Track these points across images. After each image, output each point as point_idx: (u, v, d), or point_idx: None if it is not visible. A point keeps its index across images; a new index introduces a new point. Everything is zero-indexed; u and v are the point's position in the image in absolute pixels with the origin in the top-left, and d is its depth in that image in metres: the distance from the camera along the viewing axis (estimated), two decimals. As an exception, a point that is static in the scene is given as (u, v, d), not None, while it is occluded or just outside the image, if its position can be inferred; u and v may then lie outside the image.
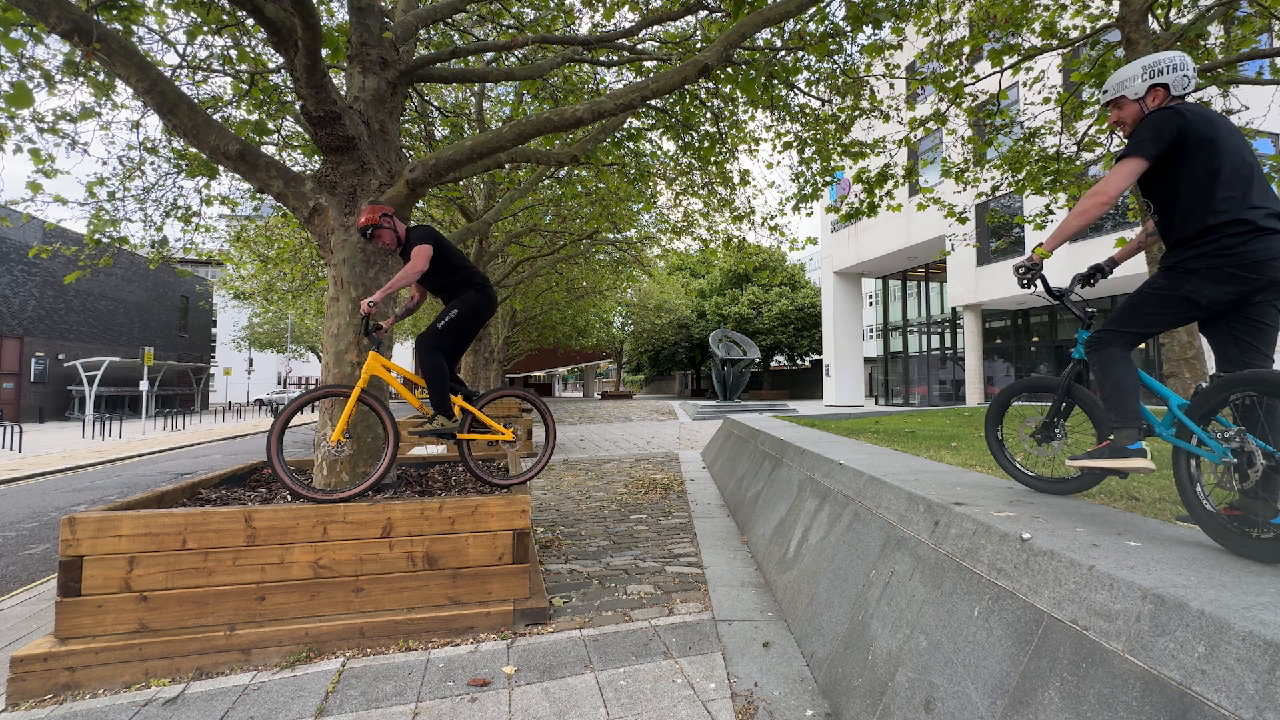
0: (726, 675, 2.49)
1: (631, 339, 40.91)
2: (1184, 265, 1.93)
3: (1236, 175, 1.88)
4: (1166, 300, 1.98)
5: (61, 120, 5.02)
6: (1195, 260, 1.90)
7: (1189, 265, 1.92)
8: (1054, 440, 2.49)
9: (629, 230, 12.10)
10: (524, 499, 3.13)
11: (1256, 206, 1.84)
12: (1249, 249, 1.82)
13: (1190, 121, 1.91)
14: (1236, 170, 1.88)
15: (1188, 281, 1.92)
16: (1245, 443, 1.68)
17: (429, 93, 8.10)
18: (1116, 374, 2.07)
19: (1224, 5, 5.82)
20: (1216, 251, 1.86)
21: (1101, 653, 1.38)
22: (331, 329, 3.53)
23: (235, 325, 37.36)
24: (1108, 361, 2.10)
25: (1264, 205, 1.85)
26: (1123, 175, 1.96)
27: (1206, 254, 1.88)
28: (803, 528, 3.43)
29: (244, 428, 18.54)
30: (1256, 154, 1.96)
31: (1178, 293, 1.94)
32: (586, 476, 7.59)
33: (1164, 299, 1.99)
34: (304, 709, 2.28)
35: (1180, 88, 2.03)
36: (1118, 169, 1.97)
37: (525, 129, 3.51)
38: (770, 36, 5.89)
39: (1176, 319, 2.01)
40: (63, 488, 8.14)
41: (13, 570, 4.43)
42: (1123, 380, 2.06)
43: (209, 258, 9.76)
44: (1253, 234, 1.82)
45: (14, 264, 21.05)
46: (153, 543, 2.64)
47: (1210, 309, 1.93)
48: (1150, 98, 2.07)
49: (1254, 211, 1.84)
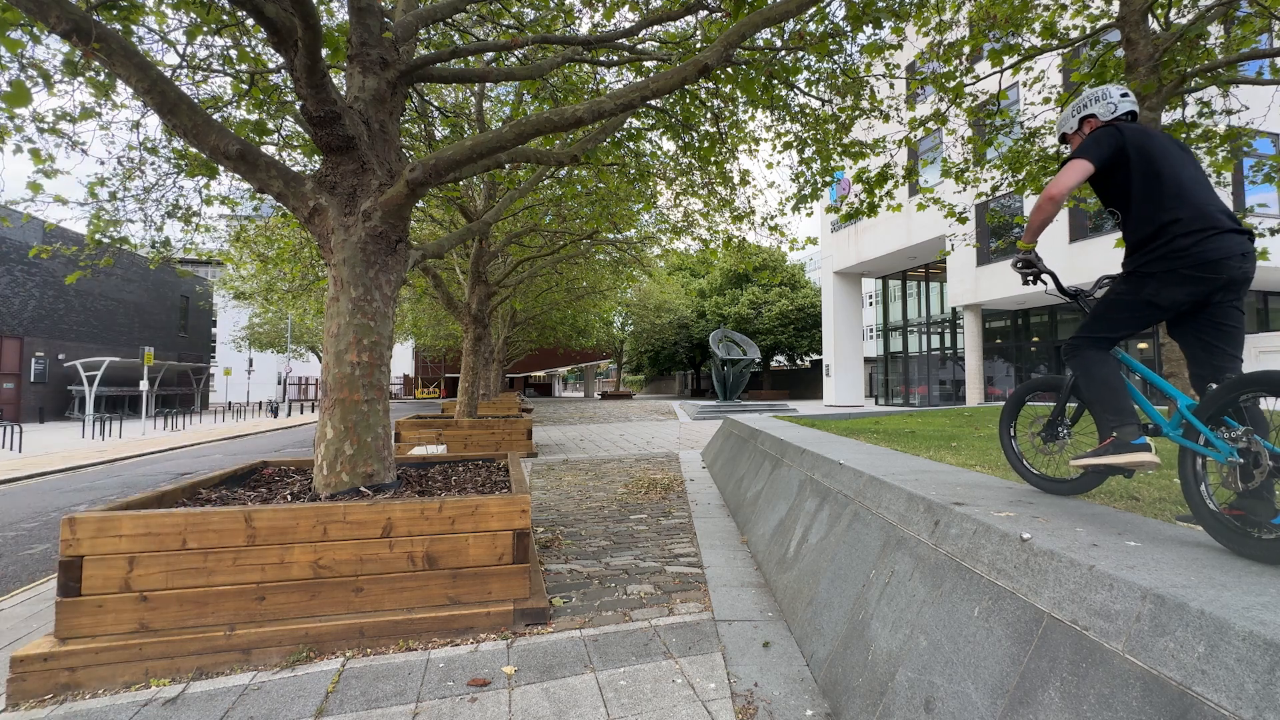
0: (726, 675, 2.49)
1: (631, 339, 40.91)
2: (1142, 270, 2.03)
3: (1179, 180, 2.00)
4: (1130, 305, 2.08)
5: (61, 120, 5.02)
6: (1151, 264, 1.99)
7: (1147, 269, 2.01)
8: (1058, 440, 2.51)
9: (629, 230, 12.10)
10: (524, 499, 3.13)
11: (1202, 208, 1.94)
12: (1200, 249, 1.90)
13: (1126, 135, 2.11)
14: (1178, 175, 2.01)
15: (1147, 285, 2.01)
16: (1252, 443, 1.68)
17: (429, 93, 8.10)
18: (1098, 374, 2.11)
19: (1224, 5, 5.81)
20: (1169, 254, 1.94)
21: (1101, 653, 1.38)
22: (331, 329, 3.53)
23: (235, 325, 37.33)
24: (1087, 364, 2.15)
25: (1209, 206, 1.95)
26: (1070, 174, 2.10)
27: (1161, 256, 1.97)
28: (803, 528, 3.43)
29: (244, 428, 18.54)
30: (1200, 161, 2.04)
31: (1139, 297, 2.04)
32: (586, 476, 7.59)
33: (1127, 304, 2.08)
34: (304, 709, 2.28)
35: (1108, 113, 2.26)
36: (1066, 169, 2.11)
37: (525, 129, 3.51)
38: (770, 36, 5.89)
39: (1142, 322, 2.09)
40: (63, 488, 8.14)
41: (13, 570, 4.43)
42: (1106, 378, 2.10)
43: (209, 258, 9.75)
44: (1201, 234, 1.91)
45: (14, 264, 21.04)
46: (153, 543, 2.64)
47: (1172, 310, 2.01)
48: (1086, 127, 2.34)
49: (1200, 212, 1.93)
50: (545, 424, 16.89)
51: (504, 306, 18.31)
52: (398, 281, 3.75)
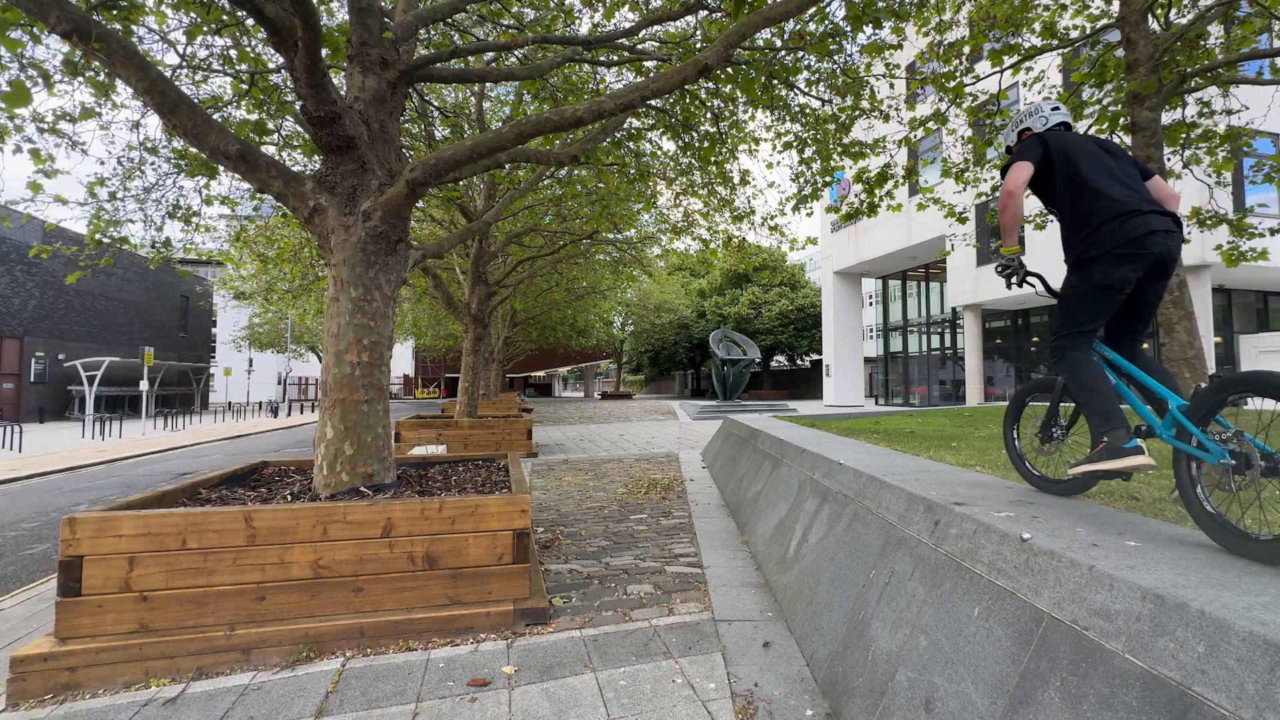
0: (726, 675, 2.49)
1: (631, 339, 40.90)
2: (1083, 258, 2.18)
3: (1097, 174, 2.19)
4: (1087, 294, 2.19)
5: (61, 120, 5.02)
6: (1088, 250, 2.15)
7: (1086, 255, 2.16)
8: (1053, 441, 2.56)
9: (629, 230, 12.10)
10: (524, 499, 3.13)
11: (1119, 196, 2.13)
12: (1124, 229, 2.07)
13: (1049, 141, 2.35)
14: (1096, 171, 2.20)
15: (1094, 269, 2.15)
16: (1243, 444, 1.70)
17: (429, 93, 8.10)
18: (1085, 377, 2.17)
19: (1224, 5, 5.81)
20: (1099, 239, 2.11)
21: (1101, 653, 1.38)
22: (331, 329, 3.53)
23: (235, 325, 37.33)
24: (1074, 366, 2.21)
25: (1126, 194, 2.14)
26: (1016, 173, 2.30)
27: (1094, 243, 2.13)
28: (803, 528, 3.43)
29: (244, 428, 18.54)
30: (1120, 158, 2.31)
31: (1092, 283, 2.16)
32: (586, 476, 7.59)
33: (1084, 294, 2.19)
34: (304, 709, 2.28)
35: (1040, 126, 2.52)
36: (1011, 170, 2.32)
37: (525, 129, 3.51)
38: (770, 36, 5.89)
39: (1107, 305, 2.19)
40: (63, 488, 8.14)
41: (13, 570, 4.43)
42: (1092, 382, 2.15)
43: (209, 258, 9.76)
44: (1120, 217, 2.09)
45: (14, 264, 21.04)
46: (153, 543, 2.64)
47: (1124, 288, 2.15)
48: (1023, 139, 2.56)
49: (1117, 199, 2.12)
50: (545, 424, 16.89)
51: (504, 306, 18.31)
52: (398, 281, 3.75)
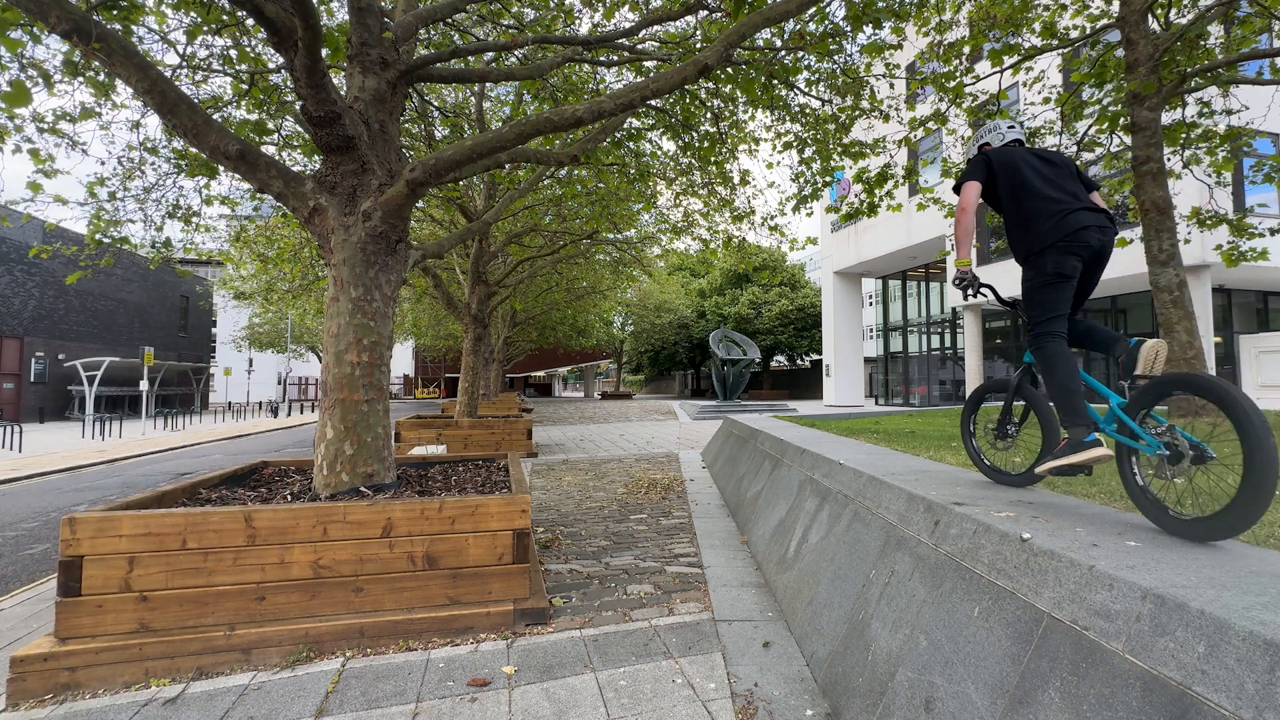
0: (726, 675, 2.49)
1: (631, 339, 40.89)
2: (1033, 253, 2.33)
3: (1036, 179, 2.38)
4: (1046, 285, 2.32)
5: (61, 120, 5.02)
6: (1035, 245, 2.31)
7: (1035, 250, 2.32)
8: (1007, 438, 2.75)
9: (629, 230, 12.10)
10: (524, 499, 3.13)
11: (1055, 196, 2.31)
12: (1064, 224, 2.24)
13: (992, 157, 2.56)
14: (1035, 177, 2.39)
15: (1046, 262, 2.29)
16: (1175, 437, 1.88)
17: (429, 93, 8.10)
18: (1060, 372, 2.27)
19: (1224, 5, 5.81)
20: (1043, 236, 2.28)
21: (1101, 653, 1.38)
22: (331, 329, 3.52)
23: (235, 325, 37.32)
24: (1051, 358, 2.30)
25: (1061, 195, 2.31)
26: (967, 191, 2.50)
27: (1038, 237, 2.30)
28: (803, 528, 3.43)
29: (244, 428, 18.54)
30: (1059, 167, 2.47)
31: (1048, 274, 2.30)
32: (586, 476, 7.59)
33: (1044, 285, 2.32)
34: (304, 709, 2.28)
35: (997, 141, 2.70)
36: (964, 189, 2.53)
37: (525, 129, 3.51)
38: (770, 36, 5.89)
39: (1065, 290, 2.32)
40: (63, 488, 8.14)
41: (13, 570, 4.43)
42: (1066, 379, 2.25)
43: (209, 258, 9.76)
44: (1056, 215, 2.27)
45: (14, 264, 21.04)
46: (153, 543, 2.64)
47: (1074, 274, 2.29)
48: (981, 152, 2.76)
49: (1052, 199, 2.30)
50: (545, 424, 16.89)
51: (504, 306, 18.31)
52: (398, 281, 3.75)
